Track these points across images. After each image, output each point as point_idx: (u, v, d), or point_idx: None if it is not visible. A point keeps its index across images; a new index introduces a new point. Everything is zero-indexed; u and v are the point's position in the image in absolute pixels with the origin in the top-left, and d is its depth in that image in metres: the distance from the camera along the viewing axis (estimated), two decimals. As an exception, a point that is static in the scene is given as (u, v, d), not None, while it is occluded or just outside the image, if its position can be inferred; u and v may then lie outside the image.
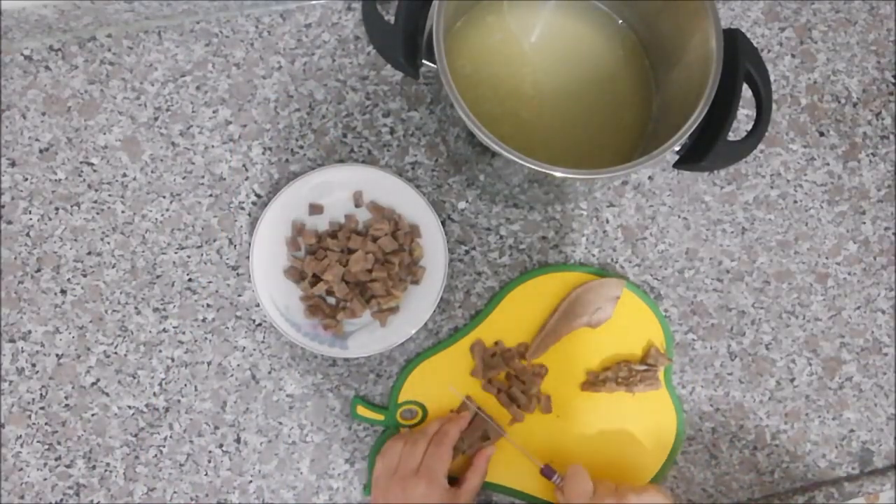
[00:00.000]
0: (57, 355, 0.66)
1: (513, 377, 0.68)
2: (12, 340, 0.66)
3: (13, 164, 0.68)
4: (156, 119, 0.69)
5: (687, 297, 0.72)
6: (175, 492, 0.66)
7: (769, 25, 0.76)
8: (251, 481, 0.66)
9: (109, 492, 0.65)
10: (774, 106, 0.75)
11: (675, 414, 0.69)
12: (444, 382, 0.68)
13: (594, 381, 0.68)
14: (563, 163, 0.54)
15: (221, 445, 0.66)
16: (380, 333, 0.66)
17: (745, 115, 0.74)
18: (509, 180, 0.63)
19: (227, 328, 0.68)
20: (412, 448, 0.62)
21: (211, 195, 0.69)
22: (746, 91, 0.56)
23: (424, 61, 0.56)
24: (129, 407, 0.66)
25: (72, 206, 0.68)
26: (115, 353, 0.67)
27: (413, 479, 0.60)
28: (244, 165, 0.69)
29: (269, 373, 0.67)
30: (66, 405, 0.66)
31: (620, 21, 0.68)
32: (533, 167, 0.54)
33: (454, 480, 0.64)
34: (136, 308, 0.67)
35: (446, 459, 0.62)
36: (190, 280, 0.68)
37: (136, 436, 0.66)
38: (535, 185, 0.63)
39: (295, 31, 0.71)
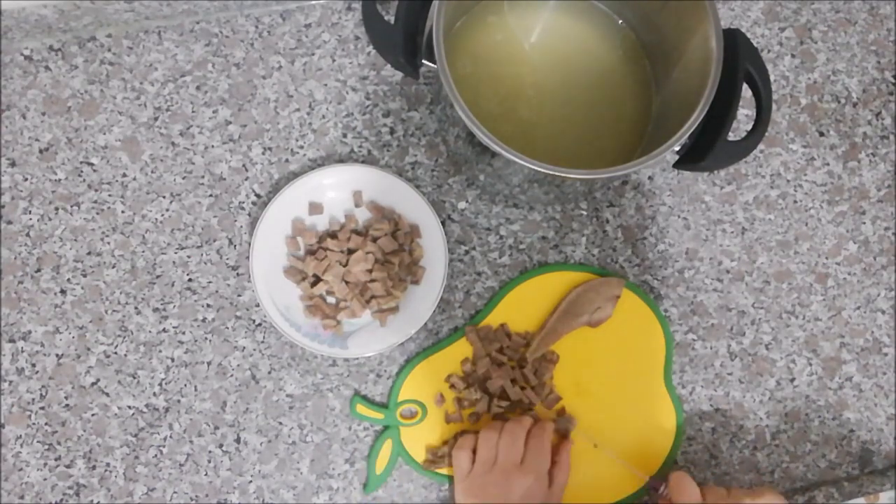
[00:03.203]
0: (57, 355, 0.66)
1: (523, 361, 0.67)
2: (12, 340, 0.66)
3: (13, 164, 0.68)
4: (156, 119, 0.69)
5: (687, 297, 0.72)
6: (175, 492, 0.66)
7: (769, 25, 0.76)
8: (251, 481, 0.66)
9: (109, 492, 0.65)
10: (774, 106, 0.75)
11: (675, 414, 0.69)
12: (443, 381, 0.68)
13: (434, 459, 0.65)
14: (563, 163, 0.54)
15: (221, 445, 0.66)
16: (380, 333, 0.66)
17: (745, 115, 0.74)
18: (509, 180, 0.63)
19: (227, 328, 0.68)
20: (513, 440, 0.60)
21: (211, 195, 0.69)
22: (746, 91, 0.56)
23: (424, 61, 0.56)
24: (129, 407, 0.66)
25: (72, 206, 0.68)
26: (115, 353, 0.67)
27: (517, 473, 0.58)
28: (244, 165, 0.69)
29: (269, 373, 0.67)
30: (66, 405, 0.66)
31: (620, 21, 0.68)
32: (533, 167, 0.54)
33: None
34: (136, 308, 0.67)
35: (548, 455, 0.60)
36: (190, 280, 0.68)
37: (136, 436, 0.66)
38: (535, 185, 0.63)
39: (295, 31, 0.71)
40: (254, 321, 0.68)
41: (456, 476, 0.62)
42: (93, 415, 0.66)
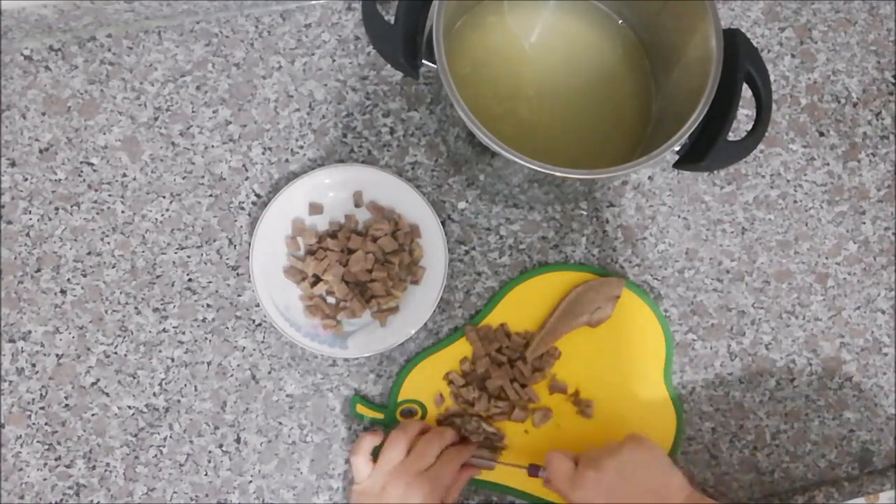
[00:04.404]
0: (57, 355, 0.66)
1: (523, 360, 0.67)
2: (12, 340, 0.66)
3: (13, 164, 0.68)
4: (156, 119, 0.69)
5: (687, 297, 0.72)
6: (175, 492, 0.66)
7: (769, 25, 0.76)
8: (251, 481, 0.66)
9: (109, 492, 0.65)
10: (774, 106, 0.75)
11: (674, 414, 0.69)
12: (443, 381, 0.68)
13: None
14: (563, 163, 0.54)
15: (221, 445, 0.66)
16: (380, 333, 0.66)
17: (745, 115, 0.74)
18: (509, 180, 0.63)
19: (227, 328, 0.68)
20: (427, 447, 0.61)
21: (211, 195, 0.69)
22: (746, 91, 0.56)
23: (424, 61, 0.56)
24: (129, 407, 0.66)
25: (72, 206, 0.68)
26: (115, 353, 0.67)
27: (418, 480, 0.58)
28: (244, 165, 0.69)
29: (269, 373, 0.67)
30: (66, 405, 0.66)
31: (620, 21, 0.68)
32: (533, 167, 0.54)
33: None
34: (136, 308, 0.67)
35: (453, 474, 0.61)
36: (190, 280, 0.68)
37: (136, 436, 0.66)
38: (535, 185, 0.63)
39: (295, 31, 0.71)
40: (254, 321, 0.68)
41: (356, 477, 0.61)
42: (93, 415, 0.66)
